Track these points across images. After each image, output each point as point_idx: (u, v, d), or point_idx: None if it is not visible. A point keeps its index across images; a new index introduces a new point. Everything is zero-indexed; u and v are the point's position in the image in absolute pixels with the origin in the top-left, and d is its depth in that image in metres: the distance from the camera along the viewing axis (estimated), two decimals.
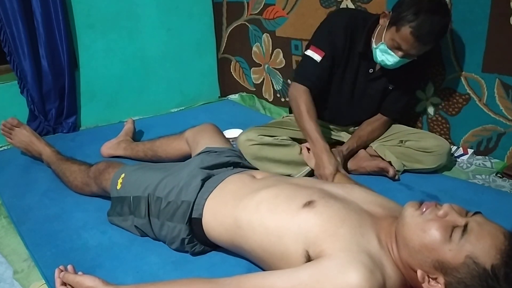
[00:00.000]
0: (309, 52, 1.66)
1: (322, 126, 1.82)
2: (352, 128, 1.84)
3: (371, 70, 1.67)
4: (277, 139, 1.66)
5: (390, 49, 1.50)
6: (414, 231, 0.86)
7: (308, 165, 1.66)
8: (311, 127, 1.61)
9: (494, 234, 0.81)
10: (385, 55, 1.53)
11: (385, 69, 1.63)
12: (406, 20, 1.42)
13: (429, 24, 1.39)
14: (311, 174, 1.68)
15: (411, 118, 1.99)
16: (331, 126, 1.86)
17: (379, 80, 1.69)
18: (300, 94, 1.64)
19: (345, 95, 1.74)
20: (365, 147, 1.76)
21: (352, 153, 1.74)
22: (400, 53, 1.49)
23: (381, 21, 1.55)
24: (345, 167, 1.68)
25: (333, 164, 1.54)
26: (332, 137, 1.85)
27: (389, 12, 1.52)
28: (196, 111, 2.59)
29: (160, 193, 1.23)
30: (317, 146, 1.59)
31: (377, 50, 1.55)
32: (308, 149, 1.66)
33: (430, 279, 0.86)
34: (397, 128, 1.80)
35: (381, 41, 1.52)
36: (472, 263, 0.80)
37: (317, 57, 1.63)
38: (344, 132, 1.85)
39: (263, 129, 1.69)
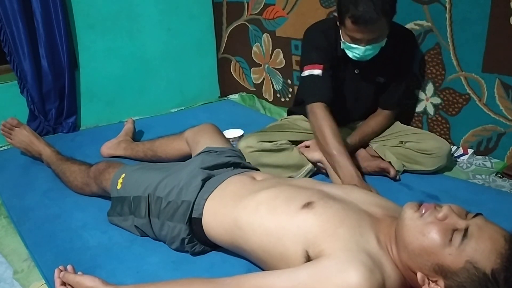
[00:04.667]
0: (306, 72, 1.64)
1: None
2: (357, 123, 1.85)
3: (356, 71, 1.69)
4: (276, 144, 1.66)
5: (351, 44, 1.52)
6: (414, 234, 0.86)
7: (307, 164, 1.66)
8: (340, 151, 1.51)
9: (495, 238, 0.81)
10: (352, 51, 1.55)
11: (369, 65, 1.63)
12: (344, 13, 1.46)
13: (362, 5, 1.40)
14: (312, 174, 1.69)
15: (411, 118, 1.99)
16: None
17: (366, 77, 1.70)
18: (322, 117, 1.56)
19: (340, 99, 1.74)
20: (368, 142, 1.76)
21: (355, 149, 1.73)
22: (361, 43, 1.51)
23: (338, 23, 1.56)
24: None
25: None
26: None
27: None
28: (196, 111, 2.59)
29: (160, 193, 1.23)
30: (346, 175, 1.48)
31: (345, 50, 1.58)
32: (307, 146, 1.67)
33: (430, 282, 0.86)
34: (397, 127, 1.80)
35: (342, 40, 1.56)
36: (472, 267, 0.80)
37: (318, 72, 1.62)
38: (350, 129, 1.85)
39: (262, 135, 1.70)
